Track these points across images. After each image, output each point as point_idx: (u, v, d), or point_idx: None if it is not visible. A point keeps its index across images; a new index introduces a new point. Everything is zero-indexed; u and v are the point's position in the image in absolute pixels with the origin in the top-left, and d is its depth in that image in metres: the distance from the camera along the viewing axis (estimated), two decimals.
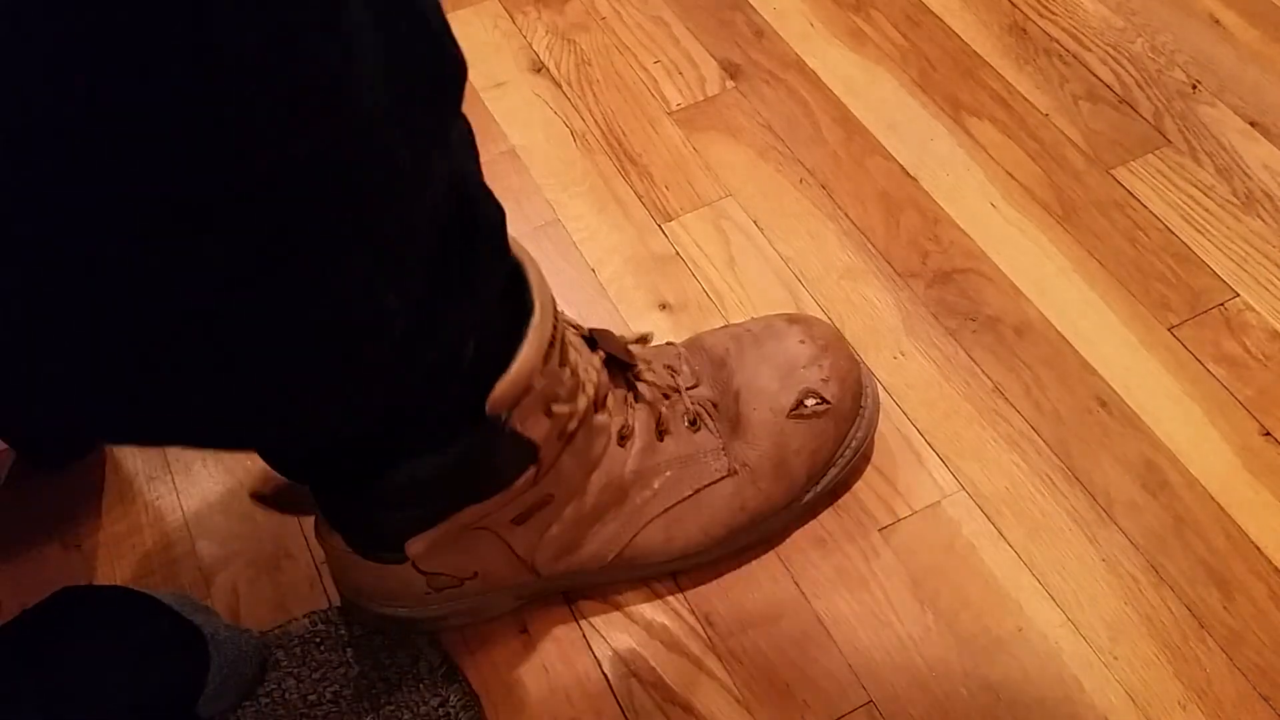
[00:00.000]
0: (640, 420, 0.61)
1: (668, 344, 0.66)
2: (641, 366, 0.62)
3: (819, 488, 0.65)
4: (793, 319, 0.67)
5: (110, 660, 0.57)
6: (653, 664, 0.62)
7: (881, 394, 0.71)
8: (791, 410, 0.63)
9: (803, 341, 0.65)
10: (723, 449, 0.62)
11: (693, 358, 0.65)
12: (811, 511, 0.67)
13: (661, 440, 0.61)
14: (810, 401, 0.63)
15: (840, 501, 0.67)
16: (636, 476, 0.60)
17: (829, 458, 0.65)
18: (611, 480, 0.60)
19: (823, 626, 0.63)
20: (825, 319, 0.75)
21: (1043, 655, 0.61)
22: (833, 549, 0.66)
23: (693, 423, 0.62)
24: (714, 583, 0.65)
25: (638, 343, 0.64)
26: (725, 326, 0.68)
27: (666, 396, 0.62)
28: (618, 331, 0.75)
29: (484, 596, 0.62)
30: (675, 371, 0.64)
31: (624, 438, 0.60)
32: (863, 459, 0.68)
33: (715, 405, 0.63)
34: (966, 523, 0.66)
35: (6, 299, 0.35)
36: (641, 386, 0.61)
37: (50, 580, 0.68)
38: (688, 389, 0.63)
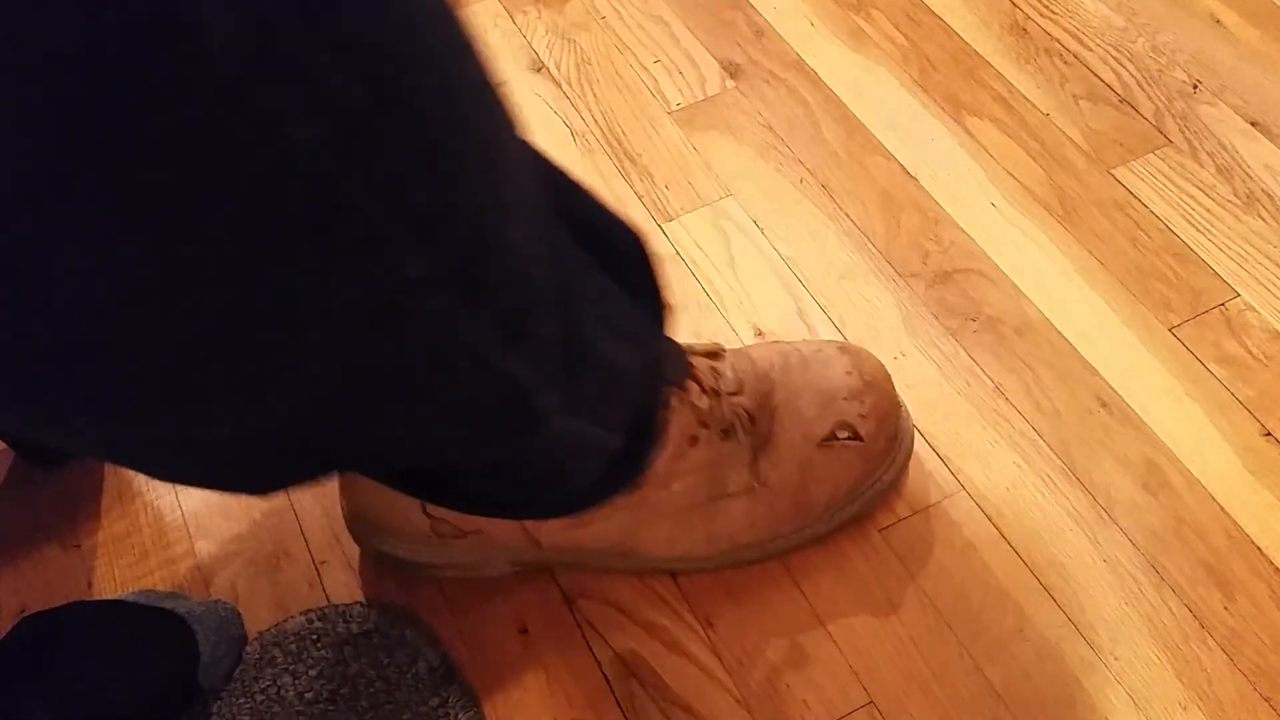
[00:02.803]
0: (677, 423, 0.59)
1: (714, 344, 0.66)
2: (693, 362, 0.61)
3: (834, 520, 0.64)
4: (844, 348, 0.66)
5: (105, 663, 0.58)
6: (653, 664, 0.62)
7: None
8: (823, 439, 0.63)
9: (849, 373, 0.64)
10: (747, 463, 0.61)
11: (738, 364, 0.63)
12: None
13: (693, 445, 0.60)
14: (843, 434, 0.63)
15: None
16: (658, 478, 0.60)
17: (849, 492, 0.64)
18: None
19: (823, 627, 0.63)
20: (829, 320, 0.75)
21: (1043, 656, 0.61)
22: (833, 549, 0.65)
23: (725, 431, 0.60)
24: (714, 584, 0.64)
25: (708, 356, 0.62)
26: (775, 342, 0.67)
27: (705, 395, 0.60)
28: None
29: (480, 552, 0.62)
30: (719, 375, 0.62)
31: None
32: (883, 499, 0.67)
33: (751, 417, 0.61)
34: (967, 523, 0.66)
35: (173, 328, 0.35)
36: (693, 391, 0.60)
37: (50, 580, 0.68)
38: (729, 394, 0.61)
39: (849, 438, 0.63)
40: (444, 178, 0.36)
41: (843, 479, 0.63)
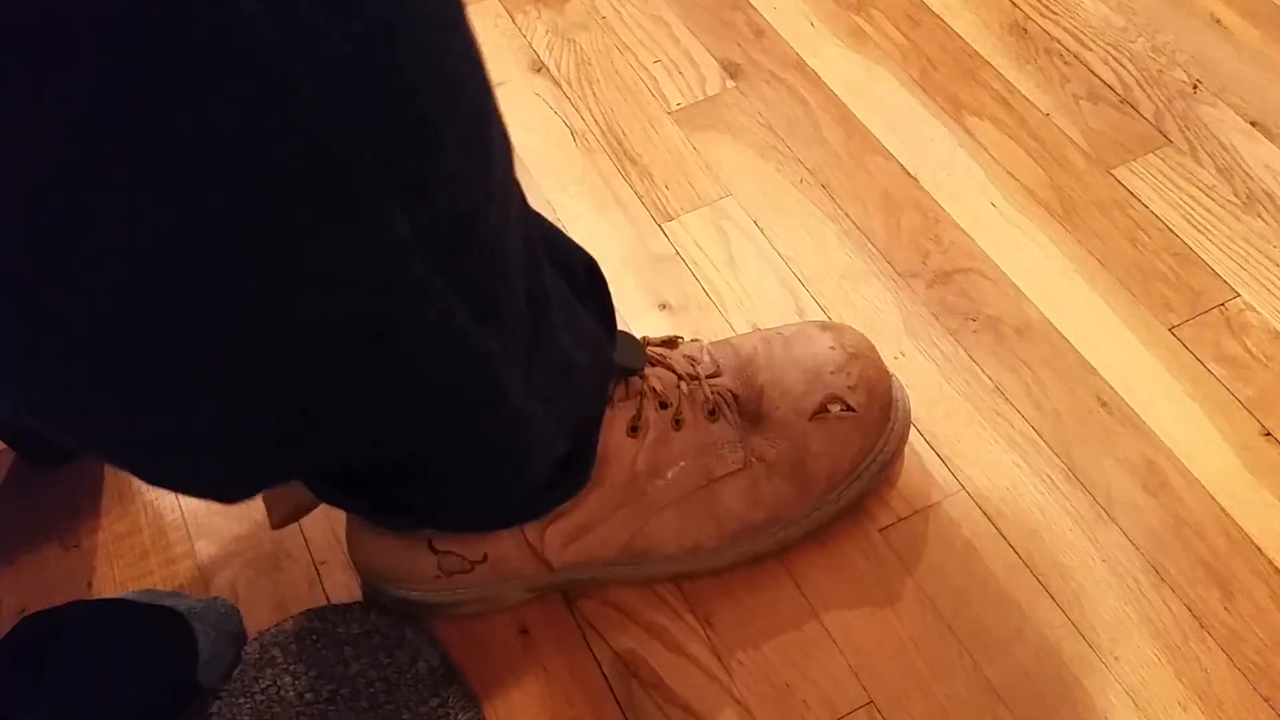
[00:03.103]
0: (652, 411, 0.60)
1: (693, 340, 0.66)
2: (655, 348, 0.62)
3: (841, 499, 0.65)
4: (825, 326, 0.67)
5: (105, 661, 0.58)
6: (653, 664, 0.62)
7: None
8: (814, 413, 0.63)
9: (833, 348, 0.65)
10: (740, 441, 0.62)
11: (716, 351, 0.64)
12: None
13: (678, 429, 0.60)
14: (835, 407, 0.63)
15: None
16: (649, 467, 0.60)
17: (851, 466, 0.64)
18: (621, 471, 0.60)
19: (823, 627, 0.63)
20: (825, 318, 0.75)
21: (1043, 655, 0.61)
22: (832, 549, 0.65)
23: (711, 412, 0.61)
24: (714, 583, 0.64)
25: (666, 345, 0.64)
26: (757, 330, 0.68)
27: (682, 381, 0.61)
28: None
29: (494, 585, 0.62)
30: (695, 361, 0.63)
31: (635, 429, 0.60)
32: (886, 474, 0.67)
33: (736, 397, 0.62)
34: (967, 523, 0.66)
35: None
36: (652, 377, 0.61)
37: (49, 580, 0.68)
38: (708, 377, 0.62)
39: (841, 410, 0.63)
40: (431, 147, 0.39)
41: (842, 452, 0.63)
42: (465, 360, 0.46)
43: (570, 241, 0.58)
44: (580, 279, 0.57)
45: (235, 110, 0.33)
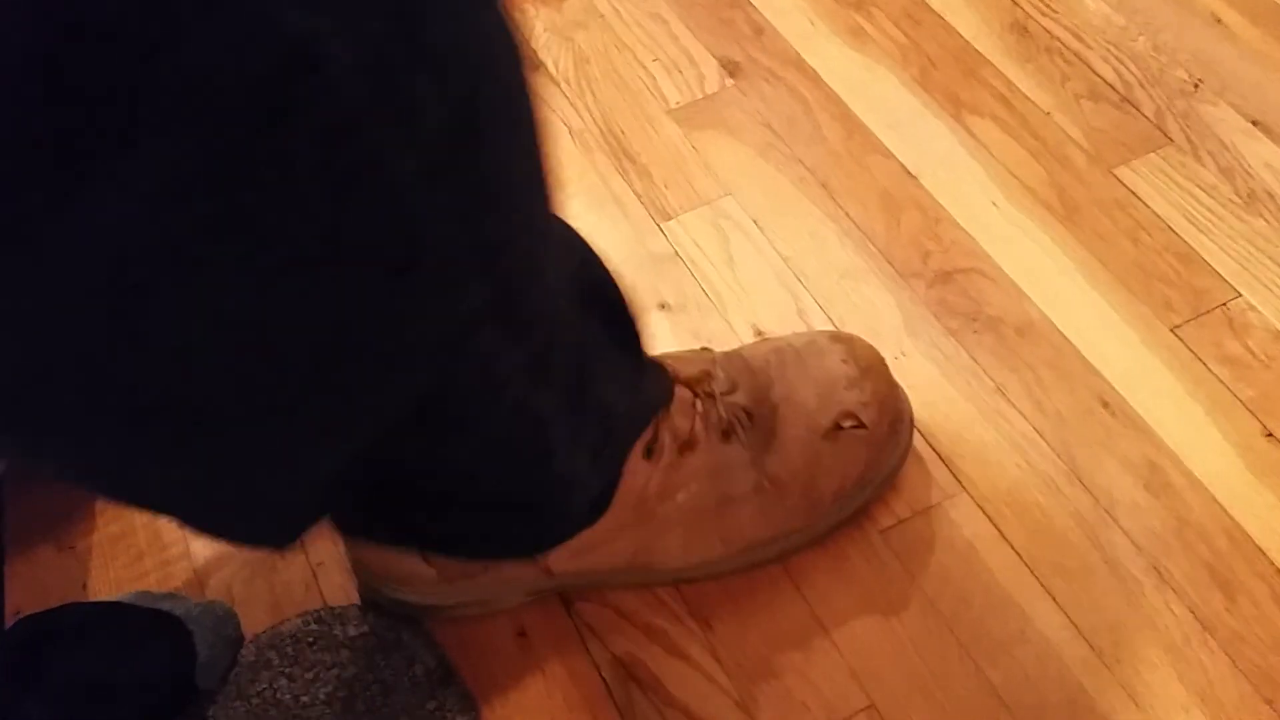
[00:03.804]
0: (669, 433, 0.59)
1: (703, 349, 0.65)
2: (672, 366, 0.61)
3: (844, 510, 0.64)
4: (836, 337, 0.66)
5: (101, 664, 0.58)
6: (651, 667, 0.62)
7: None
8: (828, 430, 0.62)
9: (845, 361, 0.64)
10: (752, 462, 0.61)
11: (728, 364, 0.63)
12: None
13: (692, 451, 0.59)
14: (848, 424, 0.62)
15: None
16: (661, 489, 0.59)
17: (858, 480, 0.64)
18: (633, 493, 0.59)
19: (823, 629, 0.63)
20: (829, 320, 0.75)
21: (1044, 657, 0.61)
22: (833, 551, 0.65)
23: (725, 432, 0.60)
24: (714, 586, 0.64)
25: (692, 366, 0.63)
26: (765, 339, 0.67)
27: (698, 400, 0.60)
28: None
29: (493, 589, 0.62)
30: (711, 376, 0.61)
31: (650, 452, 0.59)
32: (890, 485, 0.67)
33: (750, 415, 0.61)
34: (968, 524, 0.66)
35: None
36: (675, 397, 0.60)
37: (45, 582, 0.67)
38: (723, 394, 0.61)
39: (854, 426, 0.62)
40: (505, 211, 0.38)
41: (850, 469, 0.63)
42: (519, 423, 0.46)
43: (604, 270, 0.57)
44: (615, 309, 0.57)
45: (327, 190, 0.32)
